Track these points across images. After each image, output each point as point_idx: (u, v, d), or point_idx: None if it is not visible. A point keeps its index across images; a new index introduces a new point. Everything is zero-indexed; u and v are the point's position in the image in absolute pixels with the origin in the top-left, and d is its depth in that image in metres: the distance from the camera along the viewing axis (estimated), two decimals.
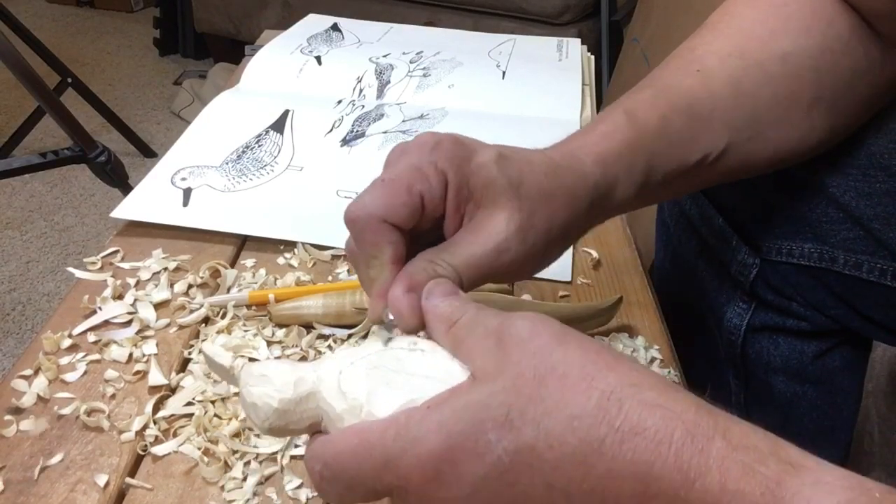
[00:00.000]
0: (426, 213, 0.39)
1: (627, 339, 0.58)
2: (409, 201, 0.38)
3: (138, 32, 2.88)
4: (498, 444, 0.29)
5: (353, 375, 0.34)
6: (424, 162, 0.39)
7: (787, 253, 0.58)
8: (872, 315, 0.58)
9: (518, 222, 0.40)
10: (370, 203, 0.38)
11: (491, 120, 0.84)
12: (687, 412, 0.29)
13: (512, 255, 0.40)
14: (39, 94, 1.35)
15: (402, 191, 0.38)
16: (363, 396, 0.33)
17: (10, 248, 1.74)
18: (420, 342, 0.36)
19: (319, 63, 0.95)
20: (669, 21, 1.44)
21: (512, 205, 0.40)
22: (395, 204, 0.38)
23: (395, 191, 0.38)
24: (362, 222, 0.38)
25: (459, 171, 0.39)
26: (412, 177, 0.39)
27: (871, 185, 0.53)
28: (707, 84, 0.48)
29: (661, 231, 0.74)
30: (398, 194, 0.38)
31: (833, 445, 0.68)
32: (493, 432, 0.29)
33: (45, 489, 0.45)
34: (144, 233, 0.67)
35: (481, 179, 0.40)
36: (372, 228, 0.38)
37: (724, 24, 0.52)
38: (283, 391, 0.34)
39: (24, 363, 0.53)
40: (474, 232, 0.40)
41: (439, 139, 0.40)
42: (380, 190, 0.39)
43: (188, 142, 0.79)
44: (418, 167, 0.39)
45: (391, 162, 0.41)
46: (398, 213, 0.38)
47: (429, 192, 0.39)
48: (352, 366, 0.35)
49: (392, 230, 0.38)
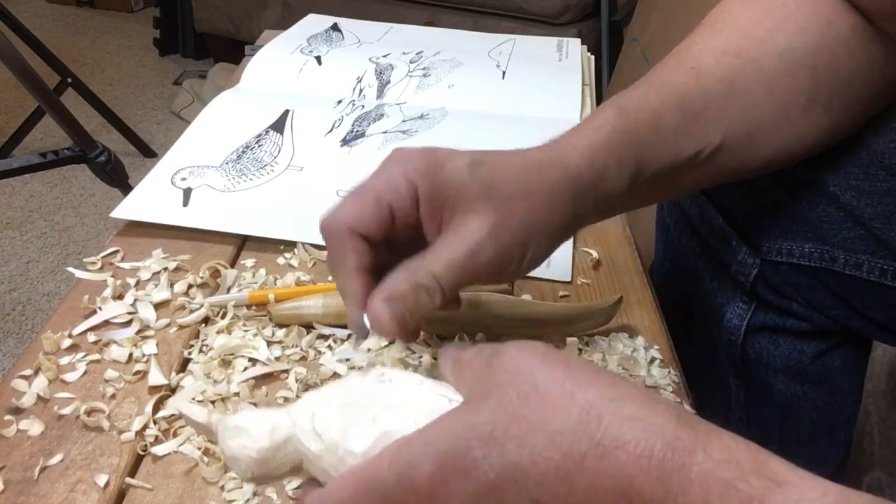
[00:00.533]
0: (398, 223, 0.41)
1: (627, 339, 0.57)
2: (377, 212, 0.40)
3: (138, 32, 2.88)
4: (484, 460, 0.30)
5: (326, 415, 0.35)
6: (394, 174, 0.41)
7: (787, 253, 0.58)
8: (872, 315, 0.58)
9: (491, 223, 0.41)
10: (340, 214, 0.41)
11: (491, 120, 0.84)
12: (667, 425, 0.29)
13: (489, 255, 0.41)
14: (39, 94, 1.35)
15: (370, 202, 0.41)
16: (338, 434, 0.34)
17: (10, 248, 1.74)
18: (388, 373, 0.37)
19: (319, 63, 0.95)
20: (669, 21, 1.44)
21: (485, 207, 0.41)
22: (363, 214, 0.40)
23: (364, 202, 0.41)
24: (329, 231, 0.41)
25: (430, 180, 0.41)
26: (381, 188, 0.41)
27: (871, 184, 0.53)
28: (701, 81, 0.48)
29: (661, 231, 0.74)
30: (366, 205, 0.41)
31: (833, 445, 0.68)
32: (478, 450, 0.30)
33: (45, 489, 0.45)
34: (144, 233, 0.67)
35: (453, 186, 0.41)
36: (339, 237, 0.41)
37: (721, 22, 0.52)
38: (259, 441, 0.36)
39: (24, 363, 0.53)
40: (450, 237, 0.41)
41: (409, 153, 0.42)
42: (350, 202, 0.41)
43: (188, 142, 0.79)
44: (388, 178, 0.41)
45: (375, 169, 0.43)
46: (366, 222, 0.40)
47: (398, 202, 0.41)
48: (324, 406, 0.36)
49: (358, 239, 0.41)
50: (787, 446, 0.68)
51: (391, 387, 0.36)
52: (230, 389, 0.51)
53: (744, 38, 0.50)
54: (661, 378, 0.54)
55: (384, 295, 0.40)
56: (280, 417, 0.36)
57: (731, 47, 0.50)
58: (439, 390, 0.36)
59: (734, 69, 0.49)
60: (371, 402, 0.35)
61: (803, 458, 0.73)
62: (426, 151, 0.42)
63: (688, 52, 0.51)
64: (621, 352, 0.56)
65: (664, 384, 0.54)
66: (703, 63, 0.49)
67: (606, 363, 0.55)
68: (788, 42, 0.49)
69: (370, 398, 0.35)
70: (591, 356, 0.55)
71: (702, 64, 0.49)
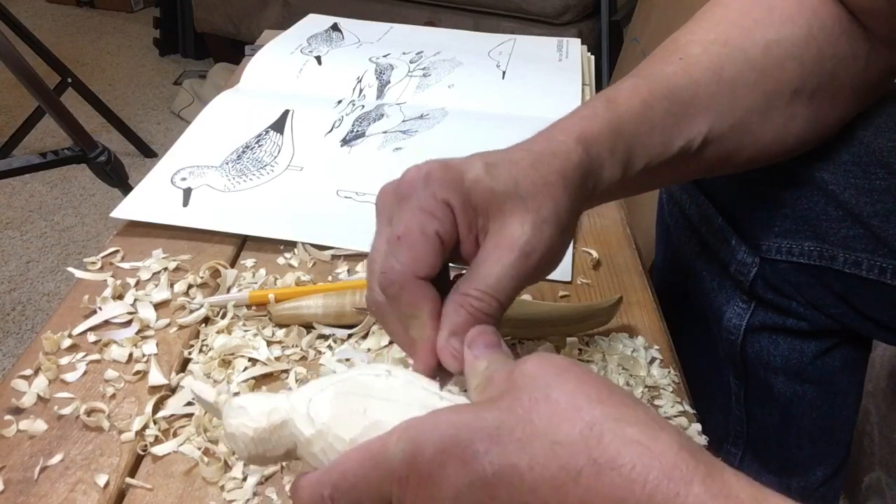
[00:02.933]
0: (446, 247, 0.39)
1: (627, 339, 0.57)
2: (431, 247, 0.39)
3: (138, 32, 2.87)
4: (485, 455, 0.30)
5: (321, 402, 0.36)
6: (424, 199, 0.39)
7: (786, 251, 0.58)
8: (872, 314, 0.58)
9: (531, 220, 0.40)
10: (398, 264, 0.39)
11: (491, 120, 0.84)
12: (666, 453, 0.28)
13: (539, 254, 0.40)
14: (39, 94, 1.35)
15: (419, 240, 0.38)
16: (330, 420, 0.35)
17: (10, 248, 1.74)
18: (395, 370, 0.37)
19: (319, 63, 0.95)
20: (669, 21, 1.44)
21: (518, 206, 0.40)
22: (419, 256, 0.38)
23: (414, 242, 0.38)
24: (398, 285, 0.39)
25: (458, 192, 0.39)
26: (421, 221, 0.39)
27: (870, 182, 0.53)
28: (688, 70, 0.48)
29: (661, 231, 0.74)
30: (418, 245, 0.38)
31: (833, 445, 0.68)
32: (481, 444, 0.30)
33: (45, 489, 0.45)
34: (144, 233, 0.67)
35: (481, 193, 0.40)
36: (409, 289, 0.39)
37: (710, 13, 0.53)
38: (257, 421, 0.37)
39: (24, 363, 0.53)
40: (494, 247, 0.40)
41: (427, 170, 0.40)
42: (401, 248, 0.39)
43: (188, 142, 0.79)
44: (421, 207, 0.39)
45: (384, 208, 0.41)
46: (427, 263, 0.39)
47: (442, 227, 0.39)
48: (321, 392, 0.37)
49: (427, 286, 0.39)
50: (787, 446, 0.68)
51: (388, 381, 0.37)
52: (230, 389, 0.51)
53: (731, 27, 0.50)
54: (661, 378, 0.54)
55: (447, 332, 0.39)
56: (280, 401, 0.37)
57: (719, 37, 0.50)
58: (434, 388, 0.36)
59: (721, 58, 0.49)
60: (365, 394, 0.36)
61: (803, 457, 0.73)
62: (441, 164, 0.40)
63: (676, 43, 0.51)
64: (621, 352, 0.56)
65: (664, 384, 0.54)
66: (691, 53, 0.49)
67: (606, 363, 0.55)
68: (775, 33, 0.49)
69: (365, 389, 0.36)
70: (591, 356, 0.55)
71: (689, 54, 0.49)
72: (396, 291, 0.39)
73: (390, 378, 0.37)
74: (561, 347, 0.56)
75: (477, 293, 0.39)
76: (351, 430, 0.35)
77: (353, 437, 0.35)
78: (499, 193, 0.40)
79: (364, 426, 0.35)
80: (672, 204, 0.69)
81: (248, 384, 0.52)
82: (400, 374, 0.37)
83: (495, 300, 0.39)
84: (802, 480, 0.69)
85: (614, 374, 0.54)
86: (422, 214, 0.39)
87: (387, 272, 0.39)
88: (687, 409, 0.52)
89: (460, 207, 0.39)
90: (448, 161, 0.41)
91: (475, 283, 0.39)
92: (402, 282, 0.39)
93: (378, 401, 0.36)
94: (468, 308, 0.39)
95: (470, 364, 0.37)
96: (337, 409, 0.36)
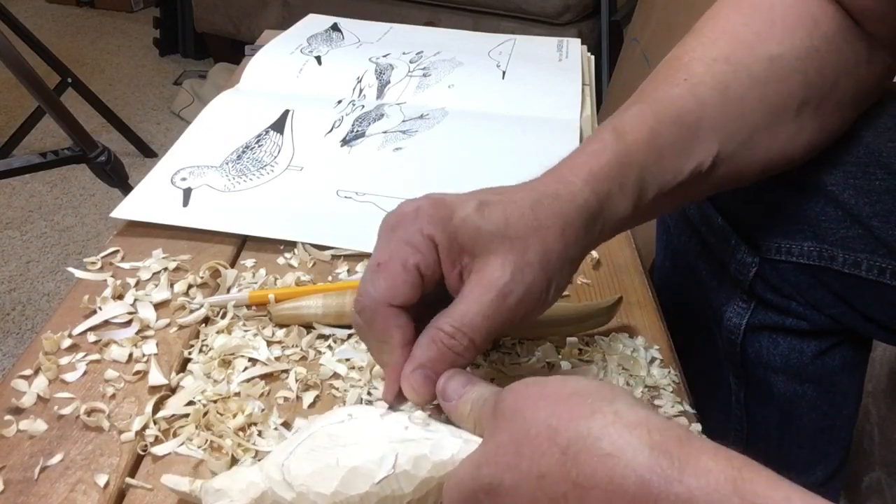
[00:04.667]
0: (426, 281, 0.40)
1: (627, 339, 0.57)
2: (408, 278, 0.40)
3: (138, 32, 2.87)
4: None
5: (293, 464, 0.38)
6: (410, 232, 0.40)
7: (786, 252, 0.58)
8: (871, 314, 0.58)
9: (513, 263, 0.40)
10: (374, 290, 0.40)
11: (491, 120, 0.84)
12: (638, 457, 0.29)
13: (517, 296, 0.40)
14: (39, 94, 1.35)
15: (398, 270, 0.40)
16: (307, 480, 0.37)
17: (10, 248, 1.74)
18: (356, 411, 0.39)
19: (319, 63, 0.95)
20: (669, 21, 1.44)
21: (503, 248, 0.40)
22: (395, 285, 0.40)
23: (393, 272, 0.40)
24: (370, 311, 0.40)
25: (444, 229, 0.40)
26: (403, 252, 0.40)
27: (870, 182, 0.53)
28: (694, 92, 0.48)
29: (661, 231, 0.74)
30: (396, 275, 0.40)
31: (833, 445, 0.68)
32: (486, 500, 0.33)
33: (45, 489, 0.45)
34: (144, 233, 0.67)
35: (468, 232, 0.40)
36: (381, 315, 0.40)
37: (709, 28, 0.52)
38: (239, 500, 0.38)
39: (24, 363, 0.53)
40: (474, 285, 0.40)
41: (418, 205, 0.41)
42: (378, 275, 0.40)
43: (188, 142, 0.79)
44: (406, 240, 0.40)
45: (379, 236, 0.42)
46: (401, 292, 0.40)
47: (423, 262, 0.40)
48: (291, 455, 0.38)
49: (399, 313, 0.40)
50: (787, 446, 0.68)
51: (352, 424, 0.38)
52: (230, 389, 0.51)
53: (732, 43, 0.50)
54: (661, 378, 0.54)
55: (414, 364, 0.40)
56: (254, 474, 0.39)
57: (721, 54, 0.49)
58: (399, 418, 0.38)
59: (726, 76, 0.49)
60: (334, 444, 0.38)
61: (803, 457, 0.73)
62: (433, 201, 0.41)
63: (679, 62, 0.51)
64: (621, 352, 0.56)
65: (664, 384, 0.54)
66: (695, 72, 0.49)
67: (606, 363, 0.55)
68: (777, 46, 0.49)
69: (332, 440, 0.38)
70: (591, 356, 0.55)
71: (693, 73, 0.49)
72: (369, 316, 0.41)
73: (353, 420, 0.38)
74: (561, 347, 0.56)
75: (450, 329, 0.39)
76: (330, 484, 0.36)
77: (333, 490, 0.36)
78: (486, 233, 0.40)
79: (341, 477, 0.36)
80: None
81: (248, 384, 0.52)
82: (362, 414, 0.39)
83: (467, 338, 0.39)
84: (802, 480, 0.68)
85: (614, 374, 0.54)
86: (405, 247, 0.40)
87: (362, 297, 0.41)
88: (687, 409, 0.52)
89: (445, 244, 0.40)
90: (442, 197, 0.42)
91: (450, 319, 0.40)
92: (375, 308, 0.40)
93: (348, 447, 0.37)
94: (438, 344, 0.39)
95: (453, 413, 0.39)
96: (310, 466, 0.37)
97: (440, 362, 0.40)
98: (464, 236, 0.40)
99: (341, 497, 0.37)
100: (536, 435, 0.32)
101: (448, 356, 0.39)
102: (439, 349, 0.39)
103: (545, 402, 0.33)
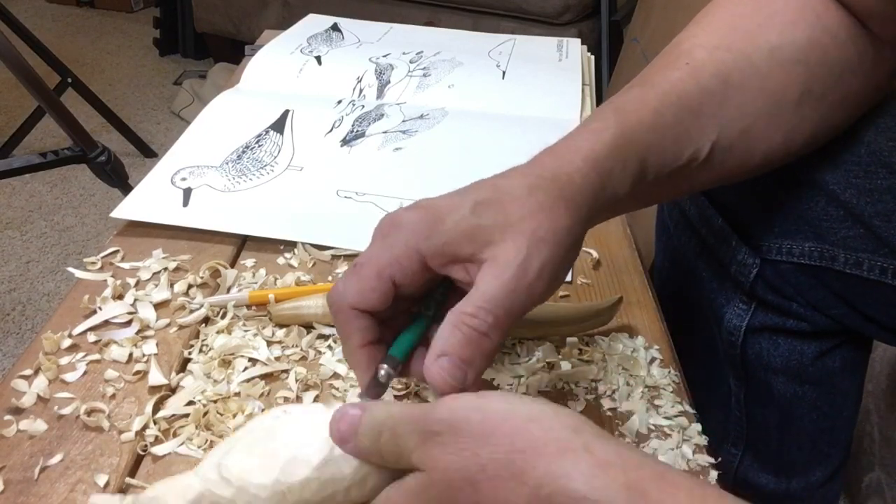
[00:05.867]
0: (403, 290, 0.41)
1: (627, 339, 0.57)
2: (379, 286, 0.40)
3: (138, 32, 2.87)
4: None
5: (230, 462, 0.38)
6: (394, 243, 0.41)
7: (786, 252, 0.58)
8: (872, 314, 0.58)
9: (527, 239, 0.40)
10: (343, 291, 0.41)
11: (491, 120, 0.84)
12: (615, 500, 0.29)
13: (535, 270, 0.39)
14: (39, 94, 1.35)
15: (371, 277, 0.40)
16: (246, 474, 0.37)
17: (10, 248, 1.74)
18: (289, 407, 0.40)
19: (319, 63, 0.95)
20: (669, 21, 1.44)
21: (511, 233, 0.40)
22: (364, 290, 0.40)
23: (365, 277, 0.40)
24: (335, 308, 0.41)
25: (430, 237, 0.40)
26: (382, 260, 0.40)
27: (871, 181, 0.53)
28: (696, 76, 0.48)
29: (661, 231, 0.74)
30: (368, 281, 0.40)
31: (833, 446, 0.68)
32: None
33: (45, 489, 0.45)
34: (144, 233, 0.67)
35: (465, 232, 0.40)
36: (344, 315, 0.41)
37: (710, 17, 0.52)
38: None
39: (24, 363, 0.53)
40: (489, 268, 0.40)
41: (406, 216, 0.41)
42: (353, 277, 0.41)
43: (188, 142, 0.79)
44: (387, 249, 0.41)
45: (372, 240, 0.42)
46: (368, 298, 0.40)
47: (400, 273, 0.40)
48: (228, 454, 0.38)
49: (361, 316, 0.41)
50: (787, 447, 0.68)
51: (288, 419, 0.38)
52: (230, 389, 0.51)
53: (733, 32, 0.50)
54: (661, 378, 0.54)
55: (436, 352, 0.38)
56: (188, 478, 0.38)
57: (722, 42, 0.50)
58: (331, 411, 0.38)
59: (727, 64, 0.49)
60: (271, 438, 0.38)
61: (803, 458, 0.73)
62: (421, 211, 0.41)
63: (680, 48, 0.51)
64: (621, 352, 0.56)
65: (664, 384, 0.54)
66: (697, 58, 0.49)
67: (606, 363, 0.55)
68: (778, 37, 0.49)
69: (269, 434, 0.38)
70: (591, 356, 0.55)
71: (695, 59, 0.49)
72: (334, 313, 0.41)
73: (287, 415, 0.39)
74: (561, 347, 0.56)
75: (472, 309, 0.38)
76: (269, 474, 0.36)
77: (274, 479, 0.36)
78: (487, 227, 0.40)
79: (280, 466, 0.36)
80: (672, 204, 0.69)
81: (248, 384, 0.52)
82: (296, 409, 0.39)
83: (492, 315, 0.38)
84: (802, 481, 0.69)
85: (614, 374, 0.54)
86: (386, 255, 0.40)
87: (332, 294, 0.41)
88: (687, 409, 0.52)
89: (432, 252, 0.40)
90: (429, 205, 0.41)
91: (470, 301, 0.39)
92: (339, 306, 0.41)
93: (285, 439, 0.37)
94: (462, 327, 0.38)
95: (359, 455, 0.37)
96: (248, 461, 0.37)
97: (465, 346, 0.38)
98: (461, 237, 0.40)
99: (282, 486, 0.36)
100: (497, 476, 0.30)
101: (473, 337, 0.38)
102: (463, 333, 0.38)
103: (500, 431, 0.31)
